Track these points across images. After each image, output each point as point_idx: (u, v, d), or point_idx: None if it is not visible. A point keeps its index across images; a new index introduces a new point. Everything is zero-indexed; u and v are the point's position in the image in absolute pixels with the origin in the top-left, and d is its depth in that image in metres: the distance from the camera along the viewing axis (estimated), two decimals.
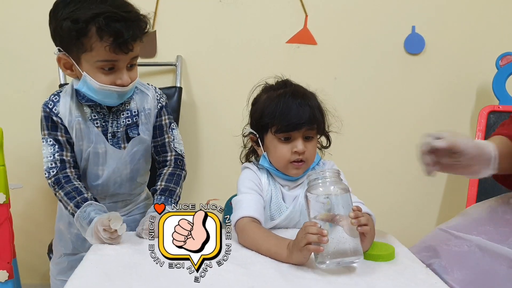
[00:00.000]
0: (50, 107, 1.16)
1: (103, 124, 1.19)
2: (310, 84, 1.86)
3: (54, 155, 1.15)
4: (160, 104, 1.27)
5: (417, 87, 1.92)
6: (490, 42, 1.87)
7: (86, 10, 1.05)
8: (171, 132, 1.30)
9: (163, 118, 1.28)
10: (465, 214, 1.09)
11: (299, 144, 1.07)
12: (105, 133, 1.20)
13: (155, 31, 1.76)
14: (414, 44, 1.87)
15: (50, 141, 1.16)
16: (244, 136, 1.19)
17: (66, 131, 1.17)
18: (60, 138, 1.16)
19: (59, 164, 1.15)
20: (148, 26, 1.13)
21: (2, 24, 1.72)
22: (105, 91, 1.12)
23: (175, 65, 1.79)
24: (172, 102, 1.74)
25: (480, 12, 1.88)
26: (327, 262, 0.89)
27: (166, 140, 1.29)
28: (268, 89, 1.15)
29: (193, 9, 1.79)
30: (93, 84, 1.11)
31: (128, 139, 1.23)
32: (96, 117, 1.19)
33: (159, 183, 1.25)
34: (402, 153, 1.92)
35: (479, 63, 1.89)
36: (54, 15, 1.10)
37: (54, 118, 1.16)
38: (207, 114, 1.85)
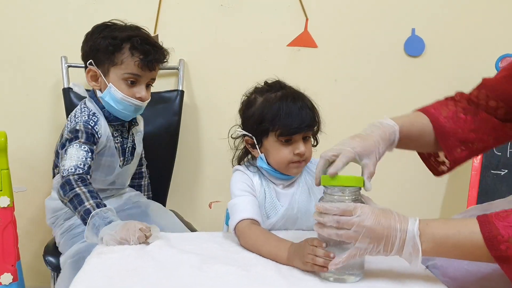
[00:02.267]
0: (92, 125, 1.30)
1: (121, 140, 1.39)
2: (311, 87, 1.88)
3: (86, 159, 1.23)
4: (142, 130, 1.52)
5: (417, 89, 1.92)
6: (489, 44, 1.88)
7: (122, 32, 1.31)
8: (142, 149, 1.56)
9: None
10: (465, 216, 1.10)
11: (301, 146, 1.10)
12: (123, 148, 1.40)
13: (157, 35, 1.77)
14: (414, 47, 1.88)
15: (85, 147, 1.25)
16: (234, 138, 1.18)
17: (96, 147, 1.31)
18: (94, 149, 1.28)
19: (86, 168, 1.22)
20: (167, 58, 1.38)
21: (6, 28, 1.74)
22: (126, 102, 1.31)
23: (177, 68, 1.80)
24: (174, 105, 1.75)
25: (480, 14, 1.88)
26: (330, 277, 0.89)
27: (143, 155, 1.58)
28: (262, 91, 1.15)
29: (195, 13, 1.80)
30: (116, 94, 1.30)
31: (132, 152, 1.45)
32: (116, 134, 1.38)
33: (143, 194, 1.57)
34: (402, 155, 1.92)
35: (479, 65, 1.89)
36: (91, 35, 1.33)
37: (95, 135, 1.29)
38: (208, 117, 1.86)
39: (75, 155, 1.22)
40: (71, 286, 0.84)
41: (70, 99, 1.67)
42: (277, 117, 1.08)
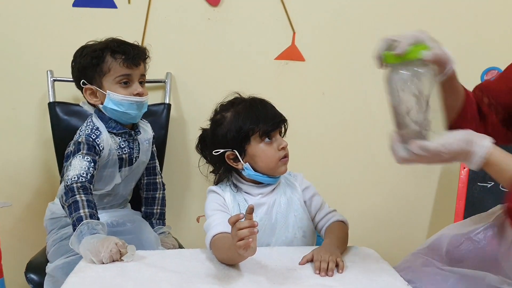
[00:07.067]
0: (93, 137, 1.36)
1: (129, 150, 1.44)
2: (299, 100, 1.90)
3: (89, 168, 1.30)
4: (153, 134, 1.56)
5: None
6: (475, 57, 1.89)
7: (99, 44, 1.40)
8: (156, 159, 1.59)
9: (154, 146, 1.57)
10: (440, 239, 1.10)
11: (282, 141, 1.19)
12: (130, 158, 1.45)
13: (145, 47, 1.77)
14: None
15: (87, 158, 1.31)
16: (213, 163, 1.24)
17: (99, 158, 1.37)
18: (97, 159, 1.34)
19: (89, 177, 1.28)
20: (147, 53, 1.46)
21: None
22: (126, 102, 1.38)
23: (164, 81, 1.80)
24: (161, 119, 1.75)
25: (466, 26, 1.90)
26: None
27: (156, 164, 1.60)
28: (227, 108, 1.22)
29: (182, 26, 1.81)
30: (115, 97, 1.37)
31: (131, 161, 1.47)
32: (124, 145, 1.43)
33: (155, 207, 1.58)
34: (391, 167, 1.93)
35: (464, 77, 1.86)
36: (74, 60, 1.41)
37: (96, 147, 1.35)
38: (196, 130, 1.82)
39: (78, 165, 1.29)
40: None
41: (56, 114, 1.66)
42: (255, 120, 1.16)
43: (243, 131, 1.15)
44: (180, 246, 1.58)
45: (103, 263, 1.01)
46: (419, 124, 0.88)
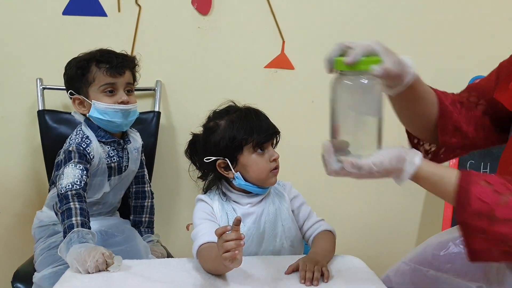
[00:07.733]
0: (84, 146, 1.38)
1: (118, 159, 1.46)
2: (288, 107, 1.90)
3: (82, 176, 1.32)
4: (142, 143, 1.57)
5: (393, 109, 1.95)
6: (462, 65, 1.91)
7: (86, 55, 1.43)
8: (145, 167, 1.61)
9: (142, 154, 1.59)
10: (426, 247, 1.11)
11: (274, 152, 1.19)
12: (120, 167, 1.46)
13: (135, 56, 1.78)
14: None
15: (80, 166, 1.33)
16: (203, 169, 1.23)
17: (90, 166, 1.39)
18: (88, 167, 1.36)
19: (82, 184, 1.31)
20: (135, 62, 1.49)
21: None
22: (110, 110, 1.39)
23: (154, 89, 1.81)
24: (150, 127, 1.75)
25: (453, 35, 1.92)
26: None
27: (145, 172, 1.61)
28: (221, 116, 1.21)
29: (172, 35, 1.82)
30: (100, 106, 1.39)
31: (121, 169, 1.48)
32: (113, 154, 1.44)
33: (144, 215, 1.59)
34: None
35: (451, 86, 1.90)
36: (65, 70, 1.45)
37: (87, 156, 1.37)
38: (185, 138, 1.83)
39: (71, 174, 1.30)
40: None
41: (45, 122, 1.66)
42: (249, 130, 1.15)
43: (236, 140, 1.15)
44: (169, 254, 1.58)
45: (89, 273, 1.01)
46: (352, 137, 0.86)
